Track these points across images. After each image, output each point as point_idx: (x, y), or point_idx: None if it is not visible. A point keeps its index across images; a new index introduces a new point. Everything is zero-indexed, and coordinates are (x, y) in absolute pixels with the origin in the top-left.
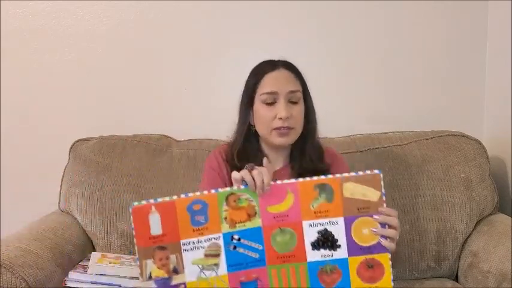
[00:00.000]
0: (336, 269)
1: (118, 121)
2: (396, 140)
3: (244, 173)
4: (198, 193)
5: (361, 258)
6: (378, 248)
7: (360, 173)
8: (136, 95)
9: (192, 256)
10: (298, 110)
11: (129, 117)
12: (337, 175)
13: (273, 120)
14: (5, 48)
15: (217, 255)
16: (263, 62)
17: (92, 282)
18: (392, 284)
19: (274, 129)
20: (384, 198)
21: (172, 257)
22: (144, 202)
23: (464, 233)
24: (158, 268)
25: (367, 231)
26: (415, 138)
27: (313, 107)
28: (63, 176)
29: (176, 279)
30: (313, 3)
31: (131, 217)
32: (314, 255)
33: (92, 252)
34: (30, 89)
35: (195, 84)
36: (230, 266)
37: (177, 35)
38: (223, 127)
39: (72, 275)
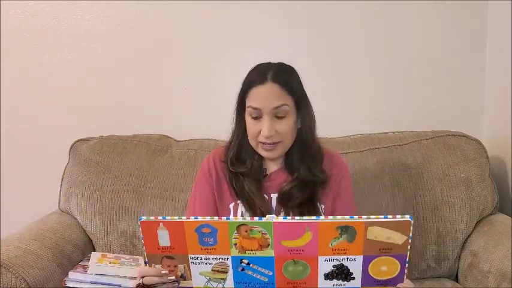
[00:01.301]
0: None
1: (118, 121)
2: (396, 140)
3: None
4: (208, 218)
5: None
6: (392, 284)
7: (389, 217)
8: (136, 95)
9: (199, 268)
10: (285, 124)
11: (129, 117)
12: (364, 217)
13: (258, 135)
14: (5, 48)
15: (225, 272)
16: (256, 68)
17: (91, 282)
18: None
19: (260, 142)
20: (409, 241)
21: (181, 266)
22: (152, 218)
23: (464, 233)
24: None
25: (385, 268)
26: (415, 138)
27: (309, 115)
28: (63, 176)
29: (183, 284)
30: (313, 3)
31: (140, 228)
32: (326, 284)
33: (92, 252)
34: (30, 89)
35: (195, 84)
36: (237, 283)
37: (177, 35)
38: (223, 127)
39: (72, 275)
